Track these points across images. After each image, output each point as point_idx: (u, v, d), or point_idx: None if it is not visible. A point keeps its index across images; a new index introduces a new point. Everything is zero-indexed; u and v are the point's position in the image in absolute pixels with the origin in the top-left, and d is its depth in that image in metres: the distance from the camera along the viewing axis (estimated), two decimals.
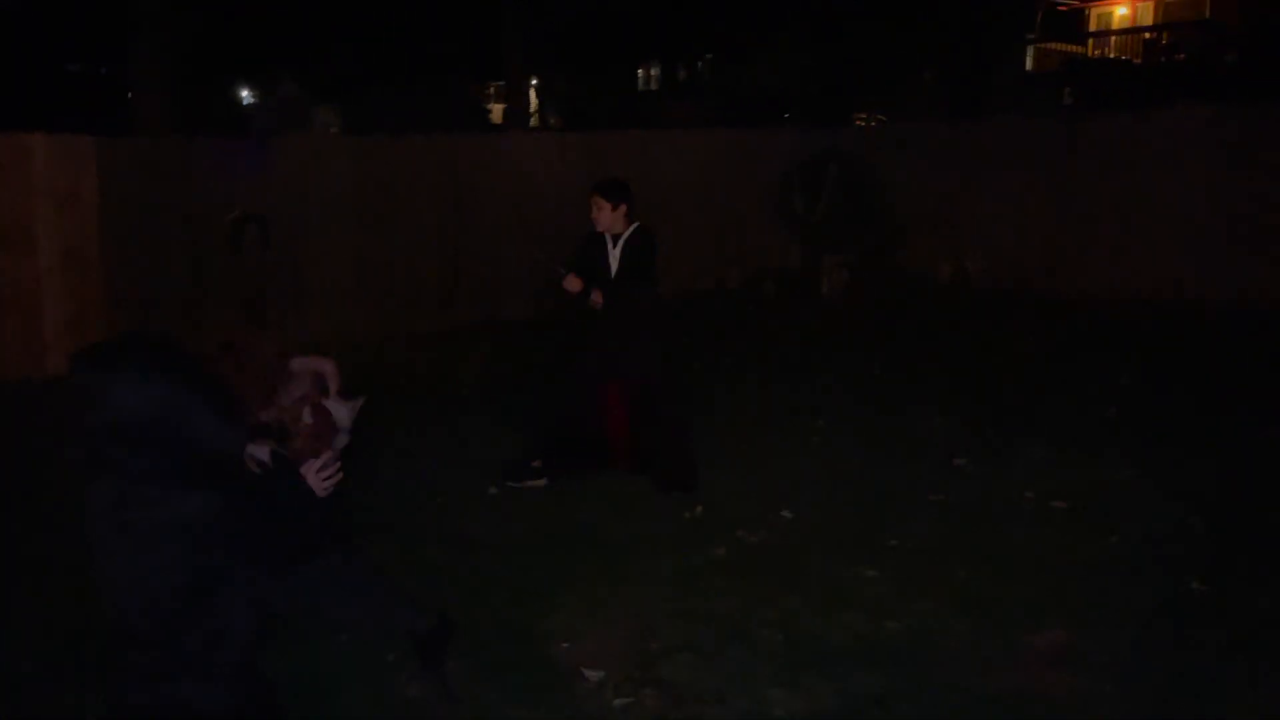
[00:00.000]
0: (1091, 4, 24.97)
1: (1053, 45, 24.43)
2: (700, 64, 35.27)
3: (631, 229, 5.24)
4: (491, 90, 35.01)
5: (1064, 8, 24.84)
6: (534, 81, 26.65)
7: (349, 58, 22.69)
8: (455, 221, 9.89)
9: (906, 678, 3.43)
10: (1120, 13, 24.49)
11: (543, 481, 5.28)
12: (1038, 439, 5.89)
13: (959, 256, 11.87)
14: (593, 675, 3.44)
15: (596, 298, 5.10)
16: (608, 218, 5.21)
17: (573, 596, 4.03)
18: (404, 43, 22.96)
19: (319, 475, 2.30)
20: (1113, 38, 24.07)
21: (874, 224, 12.13)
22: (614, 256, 5.24)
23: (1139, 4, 23.95)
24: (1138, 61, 22.45)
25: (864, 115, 24.55)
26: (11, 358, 7.65)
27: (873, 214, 12.12)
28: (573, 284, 5.08)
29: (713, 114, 22.22)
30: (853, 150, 12.41)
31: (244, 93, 32.39)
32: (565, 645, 3.67)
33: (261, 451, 2.35)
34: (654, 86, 38.88)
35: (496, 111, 29.48)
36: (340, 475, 2.34)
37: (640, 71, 39.11)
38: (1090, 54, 24.19)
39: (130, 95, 11.55)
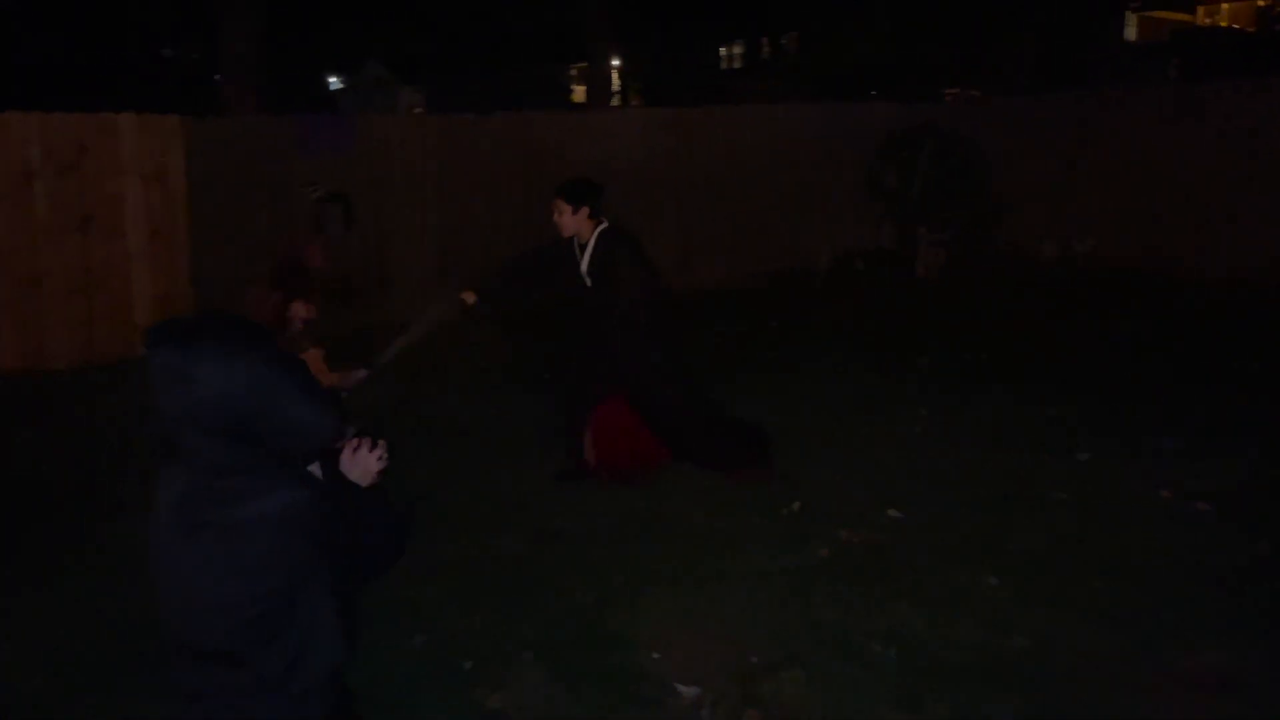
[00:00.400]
0: None
1: (1157, 13, 23.19)
2: (784, 40, 34.55)
3: (597, 232, 4.85)
4: (574, 71, 34.89)
5: None
6: (616, 62, 26.39)
7: (434, 39, 22.72)
8: (536, 202, 9.64)
9: (1040, 703, 3.06)
10: None
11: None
12: (1169, 431, 5.38)
13: (1064, 235, 11.20)
14: (687, 691, 3.15)
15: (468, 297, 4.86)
16: (569, 222, 4.83)
17: (662, 599, 3.74)
18: (488, 23, 22.89)
19: (371, 456, 2.02)
20: (1225, 5, 22.72)
21: (972, 201, 11.53)
22: (585, 262, 4.89)
23: None
24: (1251, 30, 21.13)
25: (955, 89, 23.67)
26: (102, 338, 7.68)
27: (971, 191, 11.52)
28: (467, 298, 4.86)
29: (796, 91, 21.66)
30: (949, 125, 11.81)
31: (331, 78, 32.89)
32: (655, 655, 3.37)
33: (314, 467, 2.07)
34: (736, 65, 38.29)
35: (579, 92, 29.31)
36: (386, 460, 2.05)
37: (723, 50, 38.56)
38: (1200, 22, 22.90)
39: (217, 78, 11.60)
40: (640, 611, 3.65)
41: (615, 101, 25.34)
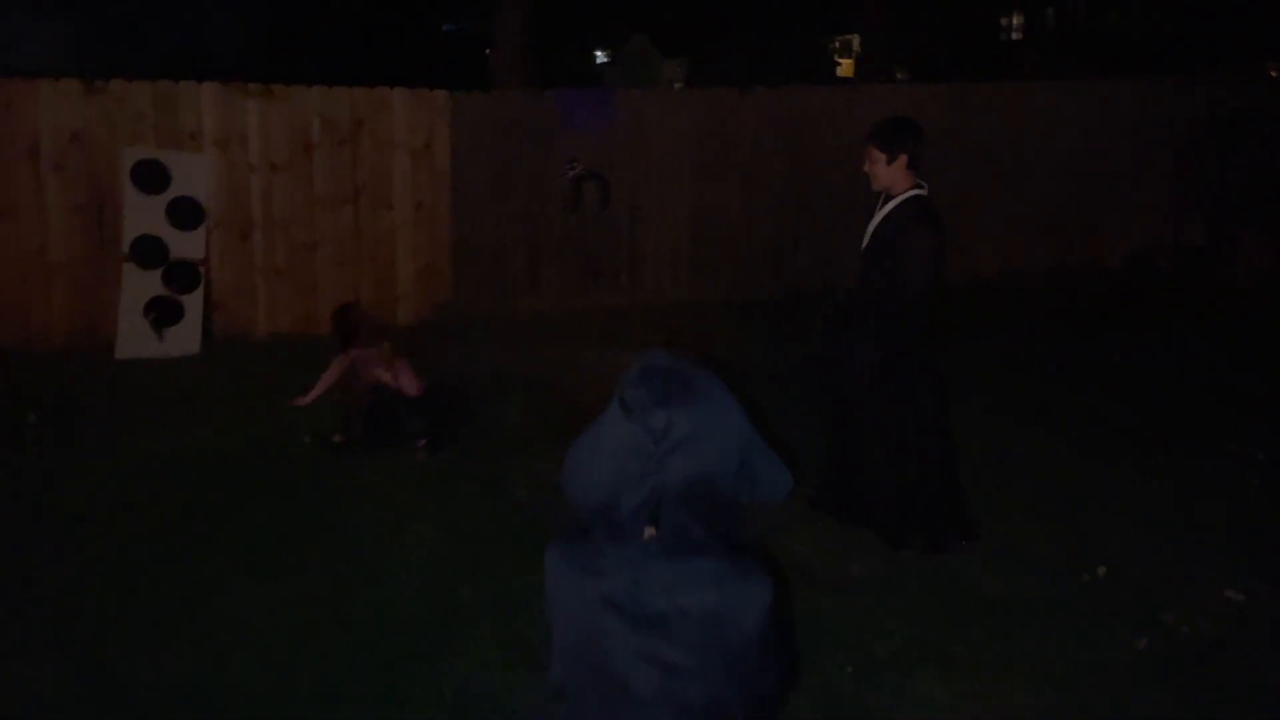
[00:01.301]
0: None
1: None
2: (1073, 6, 31.57)
3: (909, 194, 3.95)
4: (837, 44, 33.62)
5: None
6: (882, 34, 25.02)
7: (698, 12, 22.45)
8: (798, 182, 9.08)
9: None
10: None
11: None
12: None
13: None
14: None
15: None
16: (883, 173, 3.94)
17: (941, 678, 3.14)
18: None
19: None
20: None
21: None
22: (873, 223, 4.03)
23: None
24: None
25: (1277, 65, 20.60)
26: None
27: None
28: None
29: (1083, 66, 19.56)
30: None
31: (598, 52, 33.57)
32: None
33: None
34: (1016, 36, 35.48)
35: (845, 65, 28.19)
36: None
37: (1002, 21, 35.84)
38: None
39: (488, 52, 11.79)
40: (909, 692, 3.06)
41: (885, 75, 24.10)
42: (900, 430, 4.00)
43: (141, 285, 7.07)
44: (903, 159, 3.97)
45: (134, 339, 7.02)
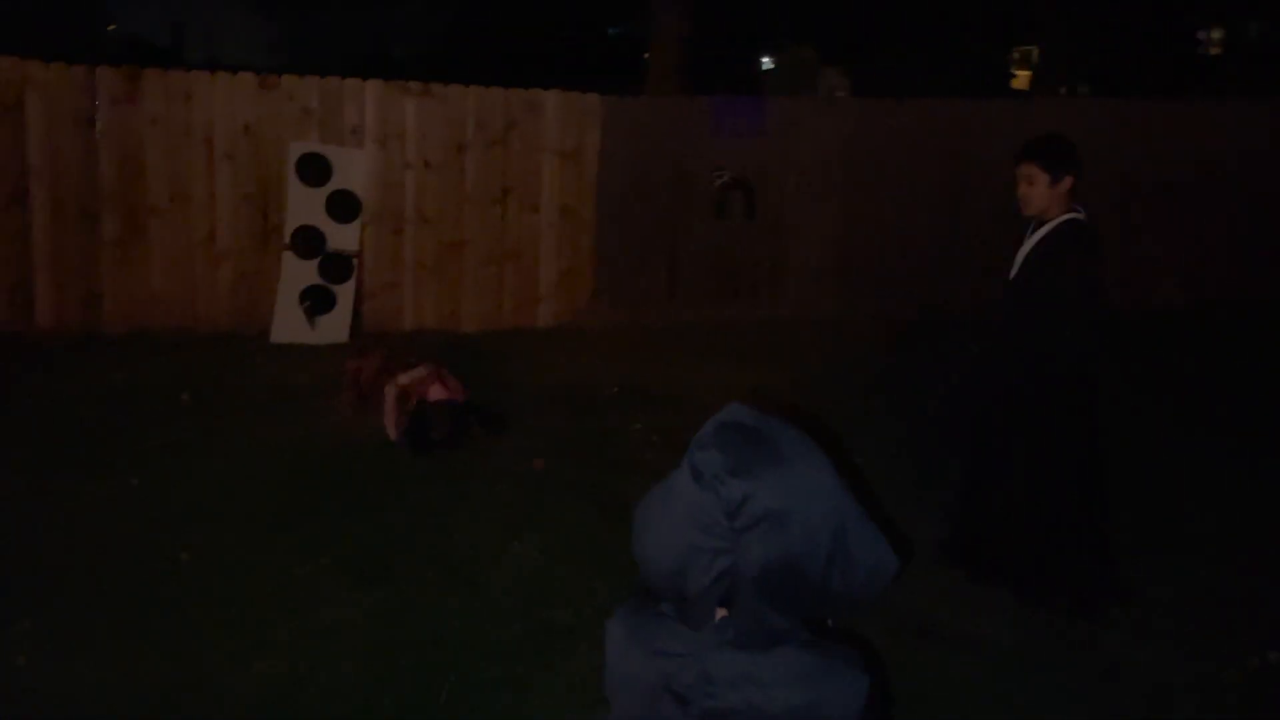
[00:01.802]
0: None
1: None
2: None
3: (1065, 217, 3.65)
4: (1016, 55, 32.12)
5: None
6: (1064, 44, 23.72)
7: (865, 20, 21.87)
8: (956, 198, 8.63)
9: None
10: None
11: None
12: None
13: None
14: None
15: None
16: (1041, 196, 3.65)
17: None
18: (924, 3, 21.58)
19: None
20: None
21: None
22: (1025, 248, 3.72)
23: None
24: None
25: None
26: (509, 307, 8.00)
27: None
28: None
29: None
30: None
31: (764, 59, 33.20)
32: None
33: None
34: (1215, 51, 33.04)
35: (1020, 78, 26.91)
36: None
37: (1199, 35, 33.44)
38: None
39: (646, 56, 11.76)
40: None
41: (1063, 90, 22.90)
42: (1046, 476, 3.67)
43: (298, 274, 7.36)
44: (1068, 181, 3.69)
45: (288, 325, 7.31)
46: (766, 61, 29.80)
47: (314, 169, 7.38)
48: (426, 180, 7.67)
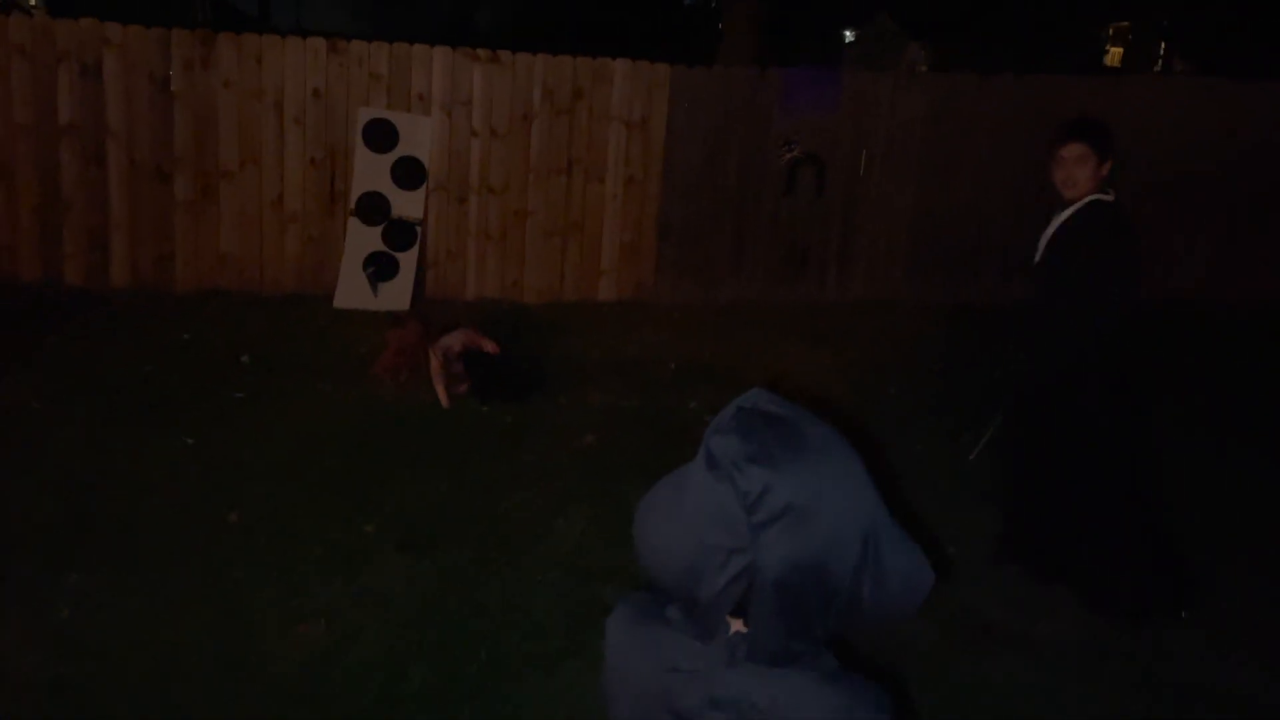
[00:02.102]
0: None
1: None
2: None
3: (1092, 198, 3.48)
4: (1111, 31, 30.89)
5: None
6: (1163, 21, 22.68)
7: None
8: (1038, 180, 8.24)
9: None
10: None
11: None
12: None
13: None
14: None
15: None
16: (1087, 176, 3.47)
17: None
18: None
19: None
20: None
21: None
22: (1047, 232, 3.61)
23: None
24: None
25: None
26: (571, 279, 7.94)
27: None
28: None
29: None
30: None
31: (846, 31, 32.52)
32: None
33: None
34: None
35: (1113, 54, 25.89)
36: None
37: None
38: None
39: (720, 25, 11.53)
40: None
41: (1158, 67, 21.96)
42: (1086, 475, 3.49)
43: (363, 240, 7.39)
44: (1110, 162, 3.55)
45: (352, 291, 7.36)
46: (848, 34, 29.18)
47: (381, 135, 7.39)
48: (492, 149, 7.63)
